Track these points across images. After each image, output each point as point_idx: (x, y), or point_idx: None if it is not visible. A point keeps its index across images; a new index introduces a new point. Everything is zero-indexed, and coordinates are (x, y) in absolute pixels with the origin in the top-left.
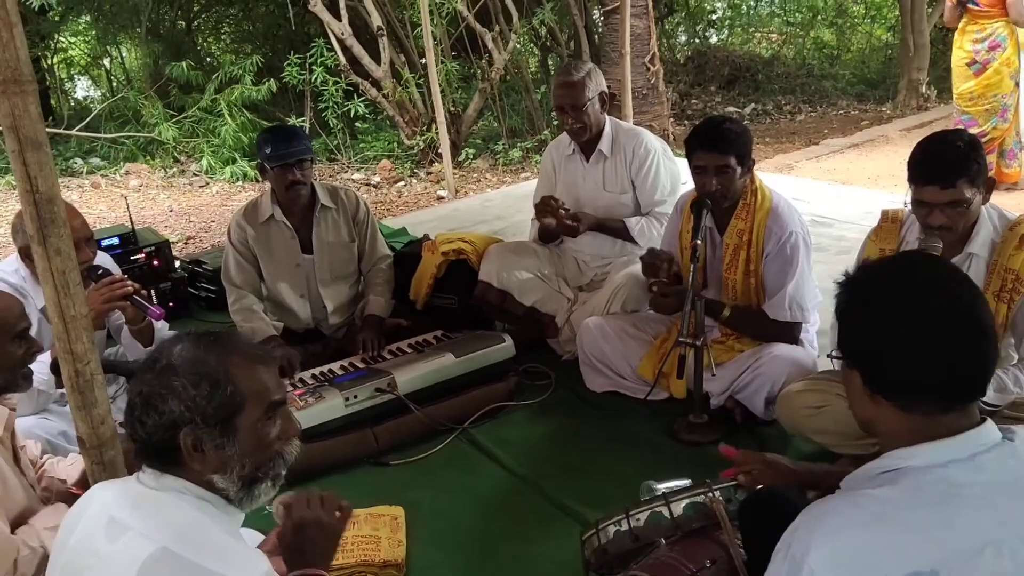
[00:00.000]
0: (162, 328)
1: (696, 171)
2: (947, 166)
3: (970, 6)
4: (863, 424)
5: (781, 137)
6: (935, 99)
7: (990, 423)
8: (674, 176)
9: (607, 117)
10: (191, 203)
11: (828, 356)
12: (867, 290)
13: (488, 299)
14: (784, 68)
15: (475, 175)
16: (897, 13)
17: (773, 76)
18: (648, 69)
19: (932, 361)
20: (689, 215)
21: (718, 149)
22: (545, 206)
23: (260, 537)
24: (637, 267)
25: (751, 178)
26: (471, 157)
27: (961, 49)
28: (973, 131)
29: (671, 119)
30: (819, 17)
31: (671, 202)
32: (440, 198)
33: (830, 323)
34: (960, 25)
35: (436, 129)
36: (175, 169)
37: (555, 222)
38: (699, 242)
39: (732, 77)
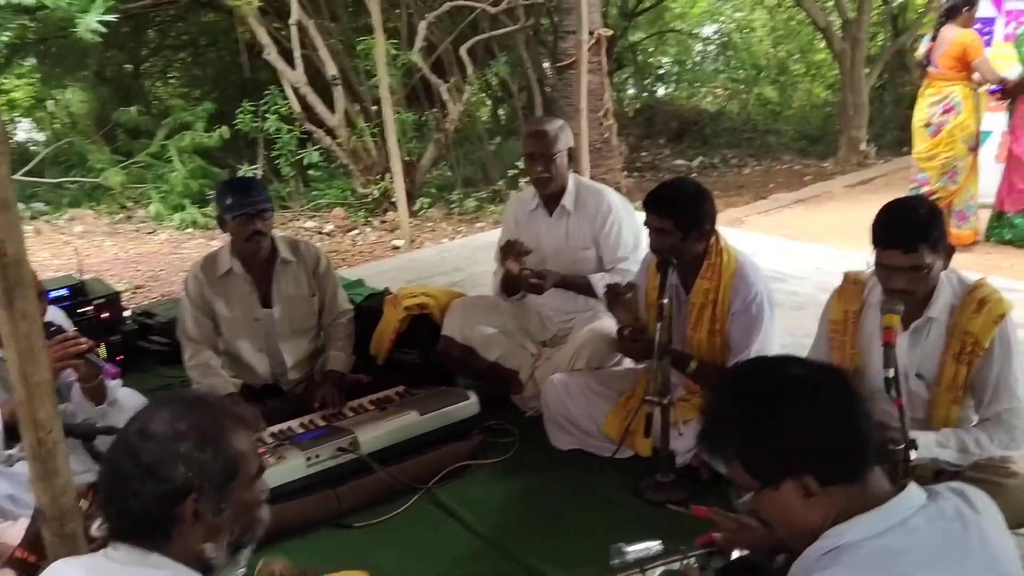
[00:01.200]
0: (115, 386)
1: (649, 230)
2: (909, 231)
3: (929, 68)
4: (799, 540)
5: (729, 190)
6: (874, 156)
7: (913, 486)
8: (636, 232)
9: (571, 174)
10: (139, 250)
11: None
12: (761, 406)
13: (451, 354)
14: (730, 123)
15: (430, 224)
16: (836, 72)
17: (719, 130)
18: (602, 123)
19: (850, 427)
20: (655, 273)
21: (657, 211)
22: (510, 248)
23: None
24: (601, 323)
25: (716, 238)
26: (426, 206)
27: (920, 111)
28: (926, 188)
29: (623, 172)
30: (762, 74)
31: (634, 258)
32: (395, 247)
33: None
34: (921, 88)
35: (391, 178)
36: (121, 215)
37: (519, 268)
38: (665, 301)
39: (680, 130)
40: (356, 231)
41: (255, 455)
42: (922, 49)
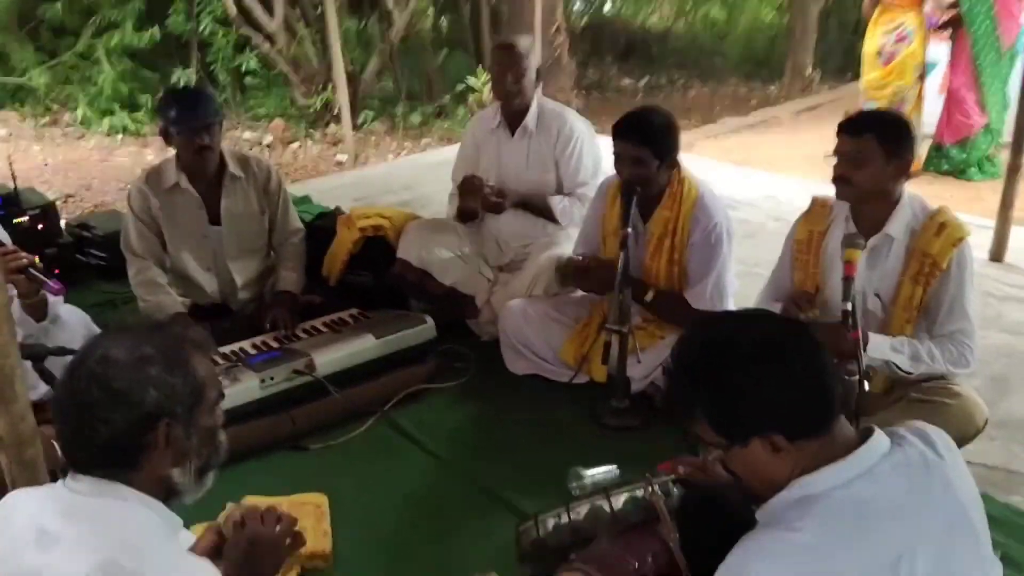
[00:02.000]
0: (56, 302)
1: (615, 157)
2: (858, 119)
3: None
4: (768, 491)
5: (676, 112)
6: (819, 82)
7: (878, 433)
8: (597, 158)
9: (537, 95)
10: (68, 157)
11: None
12: (730, 365)
13: (407, 277)
14: (677, 42)
15: (374, 138)
16: None
17: (666, 50)
18: (553, 41)
19: (818, 383)
20: (614, 200)
21: (634, 140)
22: (469, 186)
23: (191, 537)
24: (559, 249)
25: (677, 169)
26: (369, 119)
27: (872, 39)
28: None
29: (573, 91)
30: None
31: (594, 184)
32: (339, 163)
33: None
34: (874, 16)
35: (333, 89)
36: (47, 119)
37: (479, 206)
38: (628, 230)
39: (627, 49)
40: (297, 144)
41: (215, 379)
42: None
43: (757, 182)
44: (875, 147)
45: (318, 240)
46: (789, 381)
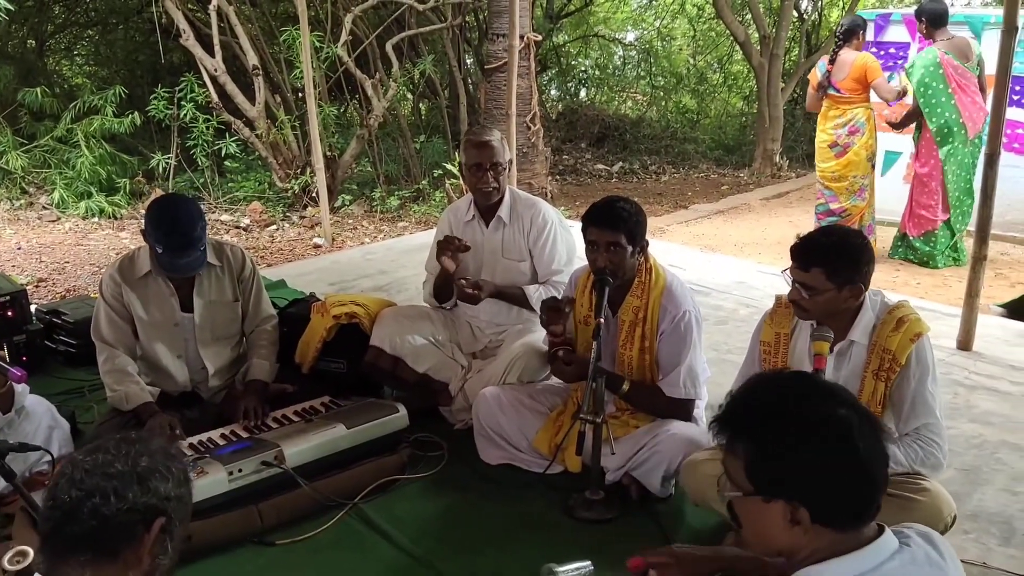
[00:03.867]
0: (22, 392)
1: (589, 246)
2: (806, 251)
3: (831, 92)
4: (760, 549)
5: (649, 198)
6: (787, 169)
7: (888, 532)
8: (570, 246)
9: (508, 186)
10: (42, 240)
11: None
12: (798, 425)
13: (380, 365)
14: (650, 129)
15: (351, 222)
16: (752, 84)
17: (640, 136)
18: (529, 128)
19: (862, 486)
20: (583, 290)
21: (609, 226)
22: (447, 244)
23: None
24: (533, 336)
25: (645, 257)
26: (347, 203)
27: (824, 132)
28: (834, 206)
29: (547, 176)
30: (681, 83)
31: (568, 271)
32: (316, 246)
33: (717, 400)
34: (823, 110)
35: (311, 172)
36: (23, 201)
37: (455, 266)
38: (602, 320)
39: (601, 135)
40: (274, 227)
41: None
42: (818, 73)
43: (727, 267)
44: (824, 280)
45: (291, 326)
46: (843, 470)
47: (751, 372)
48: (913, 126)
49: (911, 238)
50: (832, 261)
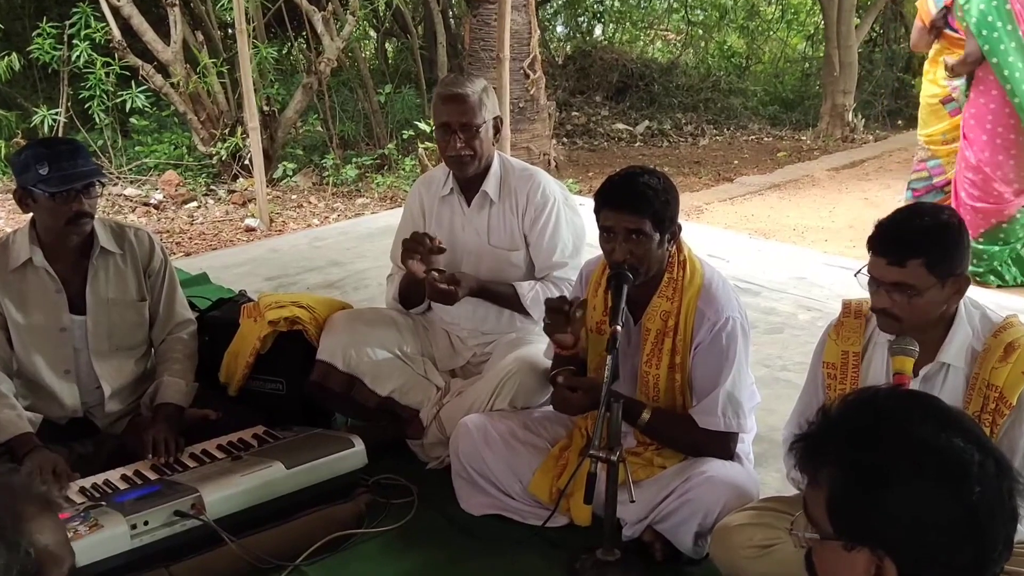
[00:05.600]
0: None
1: (604, 233)
2: (900, 239)
3: (947, 32)
4: None
5: (683, 166)
6: (863, 130)
7: None
8: (578, 232)
9: (496, 151)
10: None
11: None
12: (897, 454)
13: (329, 386)
14: (685, 78)
15: (295, 198)
16: (818, 19)
17: (671, 88)
18: (528, 76)
19: (971, 544)
20: (596, 289)
21: (630, 208)
22: (417, 244)
23: None
24: (530, 349)
25: (678, 247)
26: (290, 173)
27: (935, 84)
28: (938, 179)
29: (552, 139)
30: (726, 18)
31: (574, 264)
32: (250, 229)
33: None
34: (931, 54)
35: (243, 134)
36: None
37: (425, 269)
38: (619, 327)
39: (622, 85)
40: (195, 203)
41: (65, 547)
42: (933, 6)
43: (785, 259)
44: (925, 275)
45: (215, 335)
46: (947, 512)
47: (814, 402)
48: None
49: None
50: (933, 247)
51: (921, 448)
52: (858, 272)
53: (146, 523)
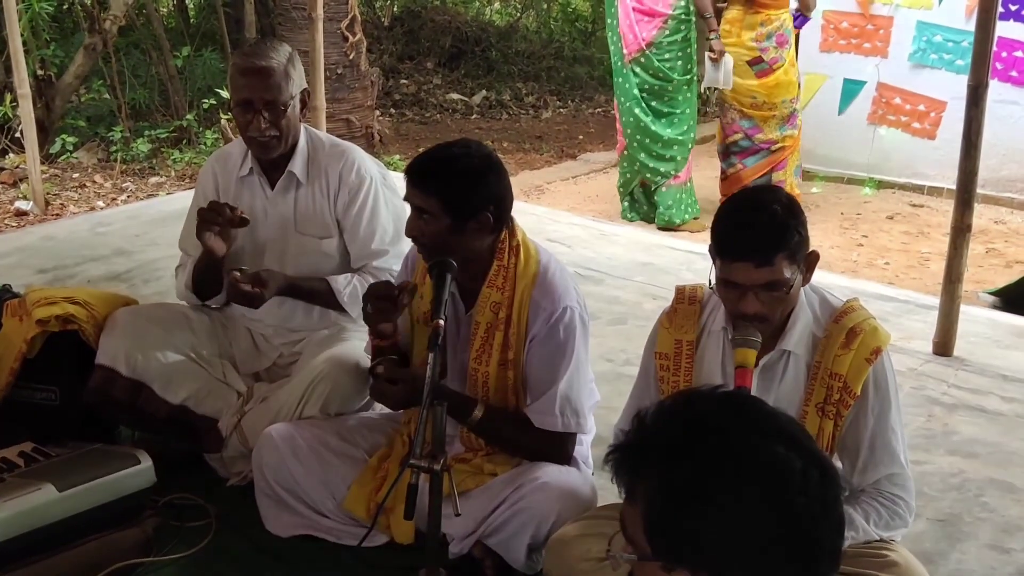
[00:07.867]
0: None
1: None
2: (762, 237)
3: None
4: None
5: (524, 142)
6: (714, 103)
7: None
8: (399, 215)
9: (303, 126)
10: None
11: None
12: (712, 467)
13: (112, 393)
14: (526, 44)
15: (76, 176)
16: None
17: (511, 54)
18: (346, 39)
19: (799, 559)
20: (425, 276)
21: (422, 183)
22: (215, 214)
23: None
24: (345, 346)
25: (510, 231)
26: (69, 148)
27: (740, 45)
28: (758, 138)
29: (375, 110)
30: None
31: (395, 252)
32: (20, 213)
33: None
34: (734, 15)
35: (12, 101)
36: None
37: (225, 246)
38: (441, 321)
39: (456, 51)
40: None
41: None
42: None
43: (630, 243)
44: (789, 266)
45: None
46: (770, 527)
47: (645, 398)
48: None
49: None
50: (792, 236)
51: (739, 459)
52: (711, 284)
53: None
